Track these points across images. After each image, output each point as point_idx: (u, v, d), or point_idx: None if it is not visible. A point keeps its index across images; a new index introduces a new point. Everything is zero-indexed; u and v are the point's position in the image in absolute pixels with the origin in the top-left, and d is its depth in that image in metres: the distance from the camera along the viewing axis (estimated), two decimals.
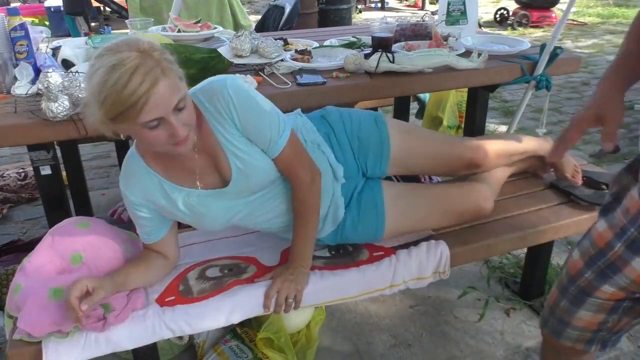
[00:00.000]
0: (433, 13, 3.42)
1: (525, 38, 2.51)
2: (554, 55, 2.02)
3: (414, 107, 3.54)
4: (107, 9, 6.99)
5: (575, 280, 1.10)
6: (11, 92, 1.65)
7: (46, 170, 1.61)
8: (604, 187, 1.82)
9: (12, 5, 7.22)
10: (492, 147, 1.70)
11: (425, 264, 1.48)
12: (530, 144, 1.81)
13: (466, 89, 2.65)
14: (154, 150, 1.21)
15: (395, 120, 1.82)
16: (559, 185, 1.82)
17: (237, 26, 3.24)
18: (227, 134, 1.22)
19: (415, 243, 1.53)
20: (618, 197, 1.04)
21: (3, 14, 1.74)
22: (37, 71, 1.73)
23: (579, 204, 1.73)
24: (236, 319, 1.34)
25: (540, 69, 2.02)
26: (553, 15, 7.58)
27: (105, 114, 1.02)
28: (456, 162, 1.67)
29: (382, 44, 1.91)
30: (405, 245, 1.52)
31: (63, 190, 1.76)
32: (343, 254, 1.50)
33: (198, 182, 1.28)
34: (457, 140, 1.81)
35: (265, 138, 1.25)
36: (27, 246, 2.16)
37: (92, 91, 1.02)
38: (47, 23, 6.63)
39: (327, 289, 1.39)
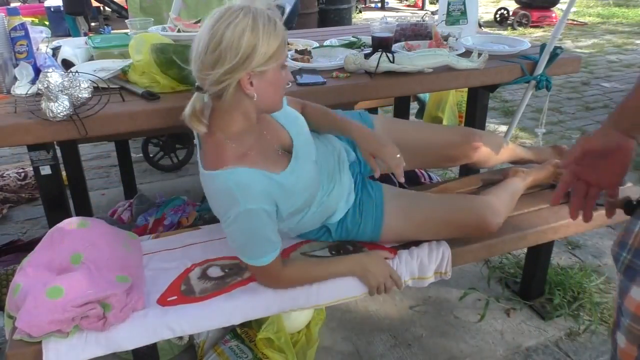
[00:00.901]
0: (433, 13, 3.42)
1: (525, 38, 2.51)
2: (554, 55, 2.02)
3: (414, 107, 3.54)
4: (107, 8, 6.99)
5: None
6: (11, 92, 1.64)
7: (46, 170, 1.60)
8: None
9: (12, 5, 7.22)
10: (486, 132, 1.75)
11: (427, 264, 1.47)
12: (523, 151, 1.87)
13: (466, 89, 2.65)
14: (273, 106, 1.27)
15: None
16: None
17: None
18: None
19: (417, 243, 1.53)
20: None
21: (3, 14, 1.74)
22: (37, 71, 1.73)
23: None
24: (237, 320, 1.34)
25: (540, 69, 2.02)
26: (553, 15, 7.59)
27: (270, 47, 1.14)
28: (448, 143, 1.69)
29: (382, 44, 1.91)
30: (407, 245, 1.52)
31: (63, 190, 1.75)
32: (343, 254, 1.49)
33: (281, 153, 1.33)
34: (447, 127, 1.84)
35: None
36: (27, 246, 2.16)
37: (258, 39, 1.12)
38: (47, 23, 6.62)
39: (328, 289, 1.39)
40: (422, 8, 9.91)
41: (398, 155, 1.32)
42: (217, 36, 1.11)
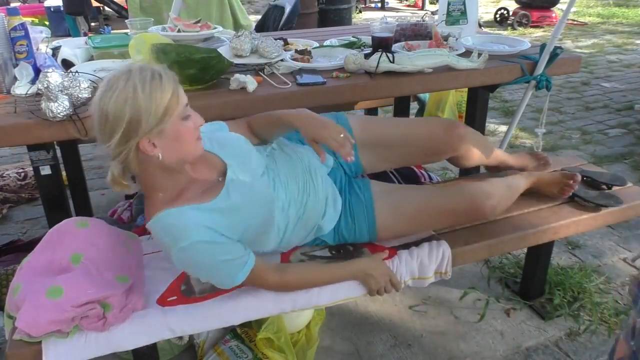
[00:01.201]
0: (433, 13, 3.42)
1: (526, 38, 2.51)
2: (554, 55, 2.01)
3: (414, 107, 3.54)
4: (107, 8, 7.00)
5: None
6: (11, 92, 1.64)
7: (46, 170, 1.61)
8: (604, 187, 1.82)
9: (12, 5, 7.22)
10: (469, 128, 1.68)
11: (427, 264, 1.47)
12: (505, 155, 1.83)
13: (466, 89, 2.65)
14: (187, 155, 1.22)
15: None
16: None
17: (237, 26, 3.24)
18: None
19: (417, 243, 1.52)
20: None
21: (3, 14, 1.74)
22: (37, 71, 1.73)
23: (583, 205, 1.73)
24: (237, 321, 1.33)
25: (540, 69, 2.02)
26: (553, 15, 7.58)
27: (159, 106, 1.12)
28: (430, 135, 1.61)
29: (382, 44, 1.91)
30: (407, 246, 1.52)
31: (63, 190, 1.76)
32: (344, 254, 1.49)
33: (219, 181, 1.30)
34: (427, 119, 1.77)
35: None
36: (27, 246, 2.16)
37: (141, 104, 1.10)
38: (46, 23, 6.63)
39: (328, 289, 1.39)
40: (422, 8, 9.90)
41: (342, 135, 1.28)
42: (104, 111, 1.12)
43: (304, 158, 1.49)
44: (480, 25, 7.08)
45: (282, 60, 1.90)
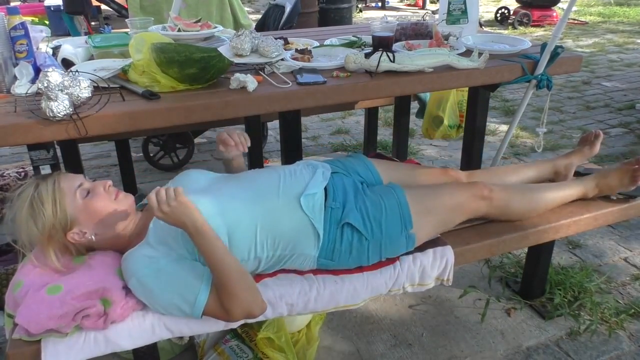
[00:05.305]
0: (434, 12, 3.41)
1: (526, 37, 2.50)
2: (554, 55, 2.01)
3: (414, 106, 3.54)
4: (108, 7, 6.99)
5: None
6: (11, 91, 1.64)
7: (46, 170, 1.60)
8: None
9: (12, 4, 7.22)
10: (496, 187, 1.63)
11: (429, 272, 1.46)
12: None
13: (467, 88, 2.64)
14: (113, 221, 1.37)
15: None
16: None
17: (237, 25, 3.24)
18: None
19: (421, 248, 1.50)
20: None
21: (3, 13, 1.74)
22: (37, 70, 1.73)
23: (612, 198, 1.75)
24: (235, 324, 1.33)
25: (541, 68, 2.01)
26: (554, 14, 7.59)
27: (56, 218, 1.28)
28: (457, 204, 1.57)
29: (382, 43, 1.90)
30: (410, 251, 1.49)
31: None
32: None
33: None
34: (452, 187, 1.65)
35: None
36: None
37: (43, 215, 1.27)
38: (46, 22, 6.64)
39: (331, 295, 1.39)
40: (423, 7, 9.91)
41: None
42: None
43: (272, 180, 1.47)
44: (480, 25, 7.08)
45: (282, 59, 1.89)
